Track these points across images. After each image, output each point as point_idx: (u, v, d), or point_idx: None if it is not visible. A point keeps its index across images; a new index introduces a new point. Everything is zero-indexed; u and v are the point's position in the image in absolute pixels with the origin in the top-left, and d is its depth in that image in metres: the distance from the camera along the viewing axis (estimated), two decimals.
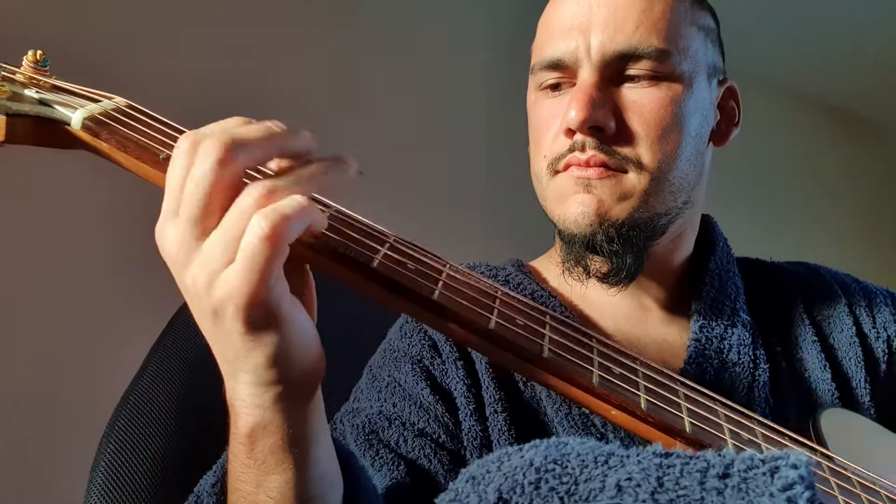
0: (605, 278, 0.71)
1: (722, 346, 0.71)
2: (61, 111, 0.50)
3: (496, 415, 0.68)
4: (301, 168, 0.45)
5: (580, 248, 0.69)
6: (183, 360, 0.85)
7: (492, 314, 0.49)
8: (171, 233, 0.43)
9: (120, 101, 0.52)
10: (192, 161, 0.43)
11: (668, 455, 0.39)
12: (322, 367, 0.48)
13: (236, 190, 0.43)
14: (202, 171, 0.42)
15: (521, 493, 0.38)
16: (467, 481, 0.41)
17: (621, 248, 0.67)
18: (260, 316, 0.42)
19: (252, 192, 0.42)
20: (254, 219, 0.41)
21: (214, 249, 0.42)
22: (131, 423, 0.81)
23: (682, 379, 0.53)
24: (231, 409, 0.48)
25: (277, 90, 1.94)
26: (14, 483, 1.46)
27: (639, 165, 0.67)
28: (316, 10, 2.09)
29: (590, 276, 0.72)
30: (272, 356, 0.44)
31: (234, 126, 0.44)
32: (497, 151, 2.11)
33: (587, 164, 0.67)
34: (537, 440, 0.43)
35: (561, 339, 0.50)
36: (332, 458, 0.53)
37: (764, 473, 0.36)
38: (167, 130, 0.50)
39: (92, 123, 0.49)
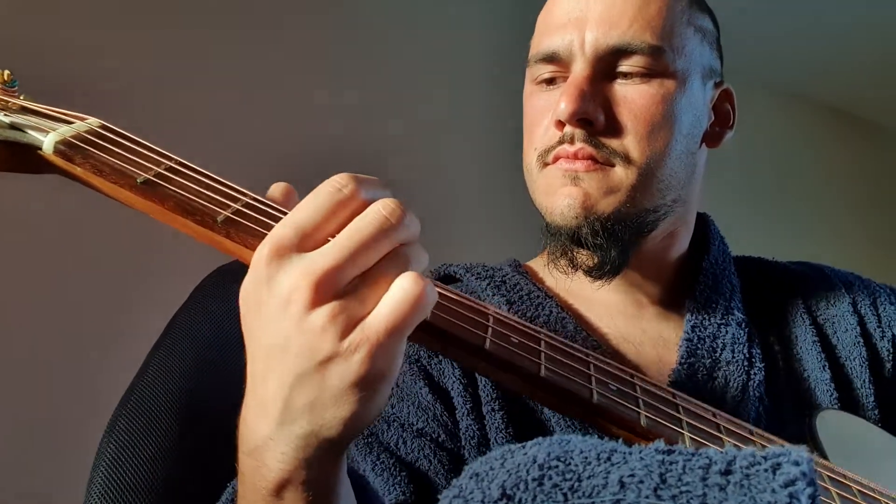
0: (590, 271, 0.71)
1: (715, 345, 0.72)
2: (32, 135, 0.47)
3: (493, 413, 0.68)
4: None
5: (566, 241, 0.69)
6: (183, 361, 0.85)
7: (486, 333, 0.48)
8: (309, 262, 0.40)
9: (93, 121, 0.49)
10: (356, 202, 0.42)
11: (670, 452, 0.39)
12: None
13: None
14: (390, 224, 0.41)
15: (525, 490, 0.38)
16: (471, 478, 0.41)
17: (606, 241, 0.68)
18: (381, 369, 0.41)
19: (403, 252, 0.42)
20: (413, 276, 0.41)
21: (365, 294, 0.41)
22: (132, 423, 0.81)
23: (681, 394, 0.53)
24: (252, 457, 0.44)
25: (275, 91, 1.93)
26: (14, 483, 1.46)
27: (626, 160, 0.67)
28: (315, 10, 2.07)
29: (575, 269, 0.72)
30: (357, 413, 0.41)
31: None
32: (495, 150, 2.10)
33: (575, 157, 0.67)
34: (540, 437, 0.43)
35: (557, 357, 0.50)
36: (350, 493, 0.50)
37: (766, 470, 0.36)
38: (144, 152, 0.48)
39: (65, 147, 0.46)
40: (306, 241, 0.41)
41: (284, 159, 1.73)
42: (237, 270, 0.90)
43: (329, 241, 0.41)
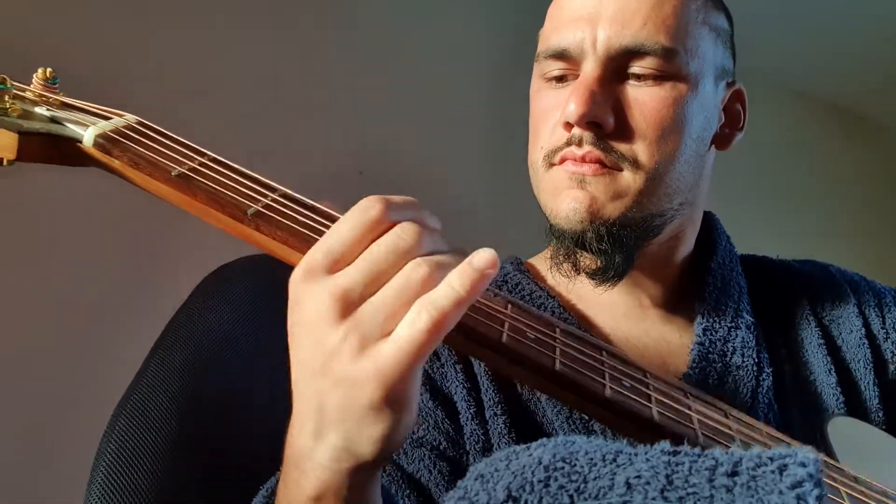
0: (593, 275, 0.69)
1: (725, 350, 0.70)
2: (72, 129, 0.50)
3: (496, 417, 0.67)
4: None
5: (570, 244, 0.68)
6: (183, 361, 0.84)
7: (503, 328, 0.49)
8: (332, 283, 0.42)
9: (130, 117, 0.52)
10: (384, 225, 0.43)
11: (676, 453, 0.39)
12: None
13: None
14: (405, 244, 0.43)
15: (531, 491, 0.38)
16: (476, 479, 0.41)
17: (611, 246, 0.66)
18: (396, 395, 0.41)
19: (419, 270, 0.42)
20: (421, 309, 0.41)
21: (376, 317, 0.41)
22: (132, 423, 0.80)
23: (692, 390, 0.54)
24: (295, 466, 0.45)
25: (278, 91, 1.92)
26: (14, 483, 1.45)
27: (635, 164, 0.66)
28: (315, 9, 2.07)
29: (578, 272, 0.71)
30: (385, 434, 0.42)
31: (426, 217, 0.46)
32: (496, 150, 2.10)
33: (583, 160, 0.66)
34: (544, 439, 0.43)
35: (572, 352, 0.50)
36: None
37: (773, 471, 0.36)
38: (179, 147, 0.50)
39: (104, 141, 0.49)
40: (336, 265, 0.43)
41: (284, 158, 1.73)
42: (237, 270, 0.90)
43: None
